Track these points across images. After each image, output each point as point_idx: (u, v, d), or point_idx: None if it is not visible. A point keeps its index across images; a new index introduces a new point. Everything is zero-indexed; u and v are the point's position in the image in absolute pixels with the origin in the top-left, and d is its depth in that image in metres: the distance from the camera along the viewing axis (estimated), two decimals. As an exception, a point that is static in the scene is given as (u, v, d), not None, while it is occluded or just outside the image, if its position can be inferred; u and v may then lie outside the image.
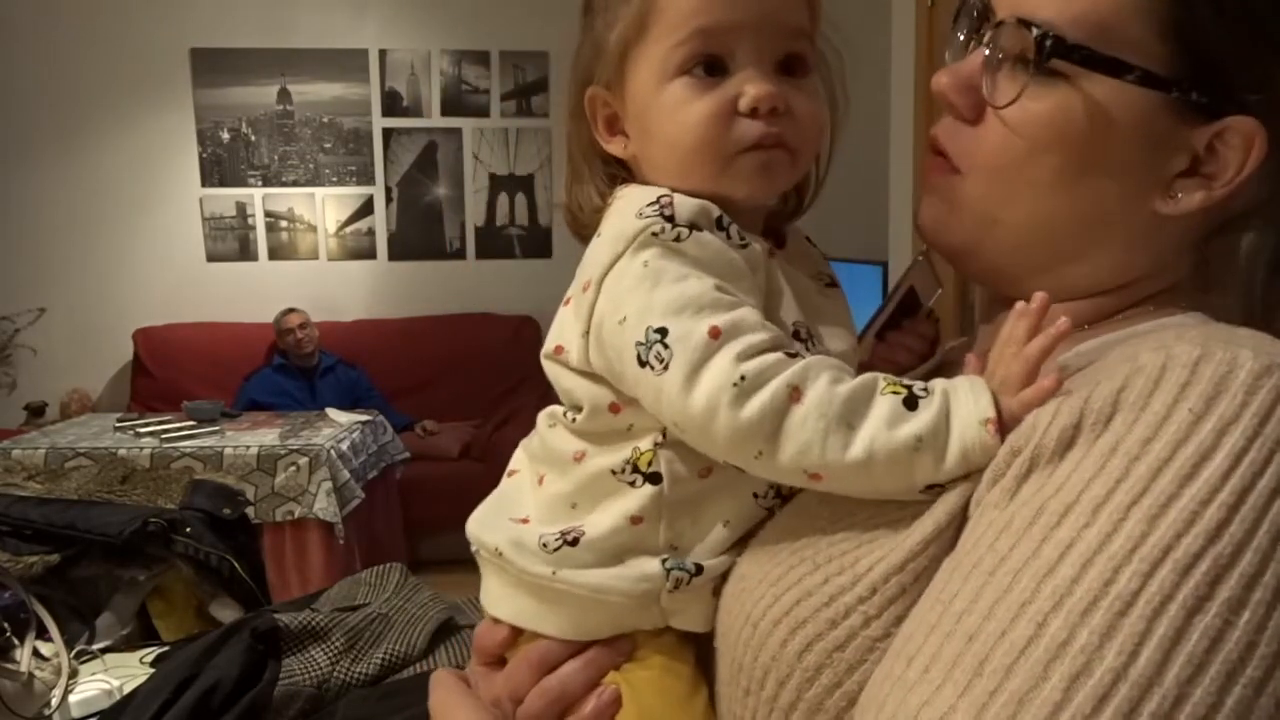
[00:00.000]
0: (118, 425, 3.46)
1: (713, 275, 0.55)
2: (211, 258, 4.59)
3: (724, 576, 0.58)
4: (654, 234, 0.55)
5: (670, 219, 0.55)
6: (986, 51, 0.55)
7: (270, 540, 3.04)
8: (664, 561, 0.57)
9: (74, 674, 1.28)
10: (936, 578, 0.46)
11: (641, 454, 0.58)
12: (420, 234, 4.69)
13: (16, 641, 1.21)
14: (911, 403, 0.50)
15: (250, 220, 4.60)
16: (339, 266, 4.67)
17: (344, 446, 3.28)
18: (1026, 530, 0.43)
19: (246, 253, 4.61)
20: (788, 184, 0.62)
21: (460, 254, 4.73)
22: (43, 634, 1.26)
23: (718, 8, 0.56)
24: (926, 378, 0.54)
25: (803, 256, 0.65)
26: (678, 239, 0.55)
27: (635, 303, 0.54)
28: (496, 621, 0.63)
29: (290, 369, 4.16)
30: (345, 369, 4.23)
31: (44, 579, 1.41)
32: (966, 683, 0.40)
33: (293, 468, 3.13)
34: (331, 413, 3.66)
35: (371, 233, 4.67)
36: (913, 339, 0.64)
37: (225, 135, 4.54)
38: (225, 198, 4.57)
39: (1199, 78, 0.50)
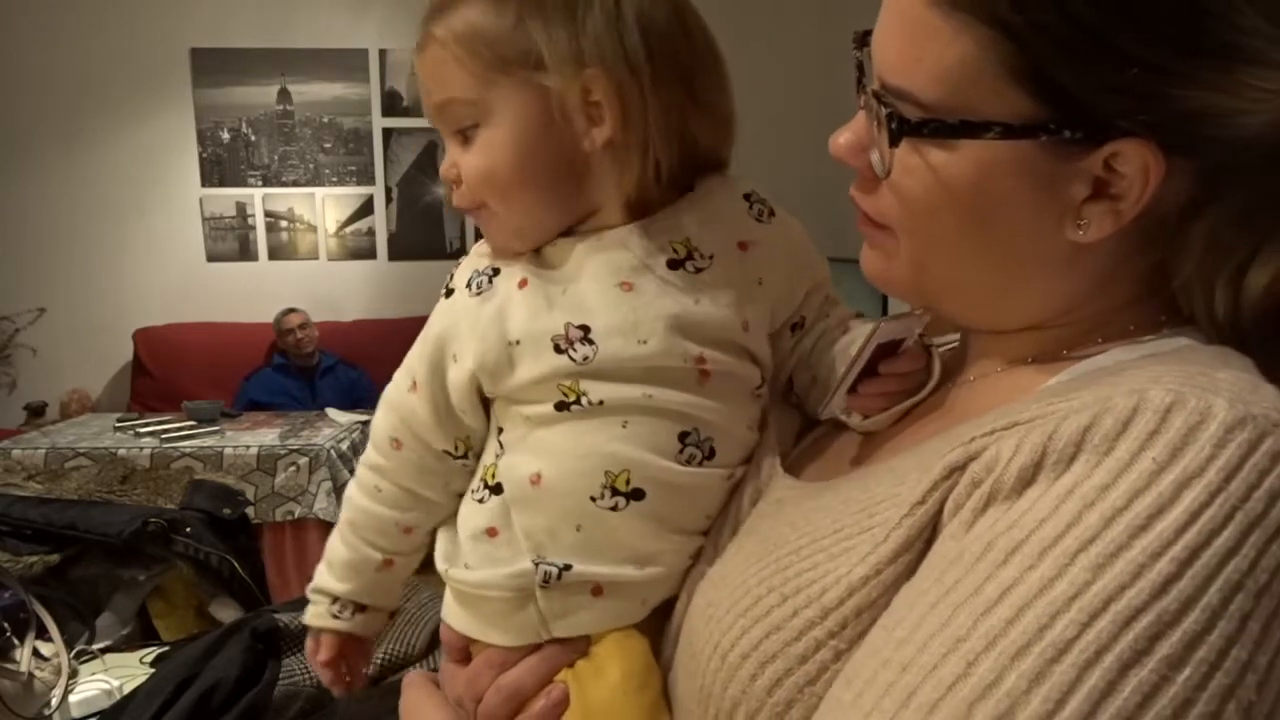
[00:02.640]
0: (118, 425, 3.46)
1: (434, 334, 0.67)
2: (211, 258, 4.59)
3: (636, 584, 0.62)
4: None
5: (450, 277, 0.69)
6: (866, 113, 0.53)
7: (270, 540, 3.04)
8: (534, 559, 0.62)
9: (74, 674, 1.28)
10: (893, 601, 0.46)
11: (487, 468, 0.66)
12: (420, 234, 4.69)
13: (16, 641, 1.21)
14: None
15: (250, 220, 4.60)
16: (339, 266, 4.67)
17: (344, 446, 3.28)
18: (973, 565, 0.42)
19: (246, 253, 4.61)
20: (506, 231, 0.66)
21: (460, 254, 4.68)
22: (43, 634, 1.26)
23: None
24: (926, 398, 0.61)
25: (652, 237, 0.64)
26: (440, 296, 0.69)
27: None
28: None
29: (290, 369, 4.15)
30: (345, 369, 4.23)
31: (44, 579, 1.41)
32: (892, 713, 0.40)
33: (293, 468, 3.12)
34: (331, 413, 3.66)
35: (371, 233, 4.67)
36: (890, 382, 0.62)
37: (225, 135, 4.54)
38: (225, 198, 4.57)
39: (1065, 116, 0.47)
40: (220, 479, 2.76)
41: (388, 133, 4.62)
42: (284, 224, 4.63)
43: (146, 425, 3.40)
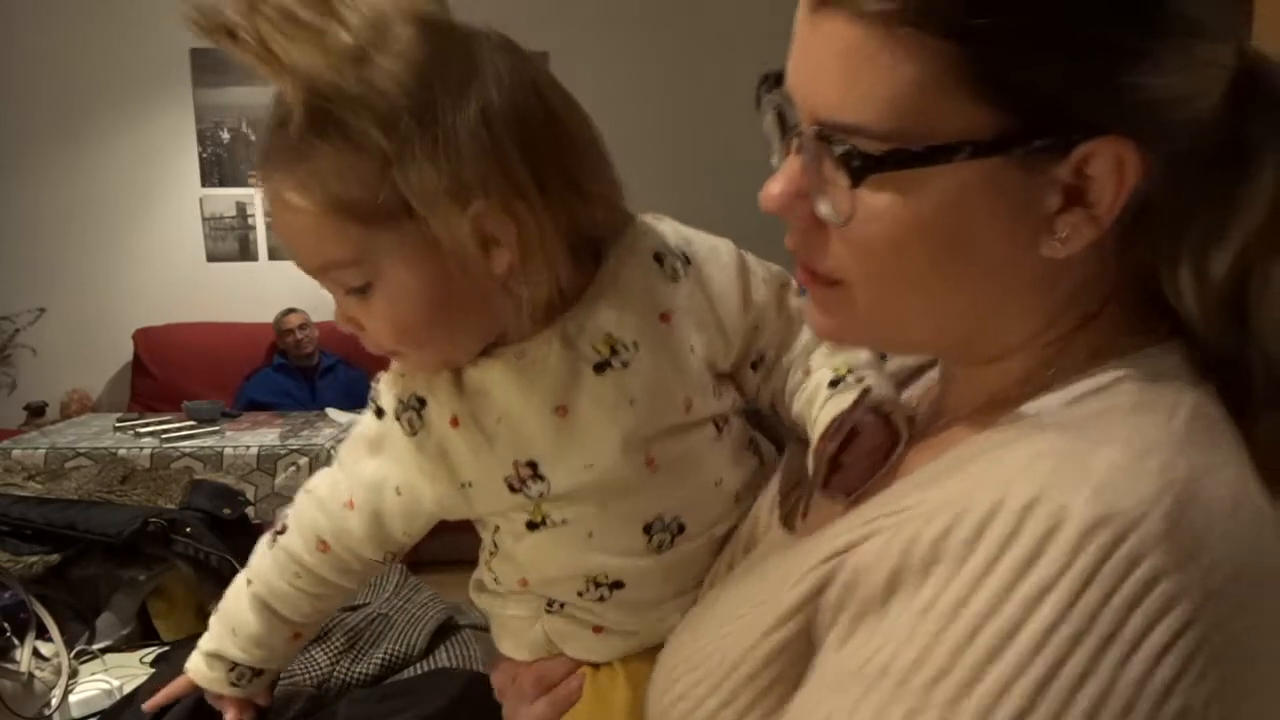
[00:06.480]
0: (118, 425, 3.46)
1: (374, 465, 0.69)
2: (211, 258, 4.59)
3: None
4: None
5: (375, 390, 0.69)
6: (801, 159, 0.49)
7: (270, 540, 3.05)
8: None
9: (74, 674, 1.28)
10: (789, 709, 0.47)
11: (487, 562, 0.72)
12: (420, 234, 4.69)
13: (16, 641, 1.21)
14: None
15: (250, 220, 4.60)
16: (339, 266, 4.67)
17: (344, 446, 3.28)
18: (837, 688, 0.43)
19: (246, 253, 4.61)
20: (427, 367, 0.64)
21: (460, 254, 4.73)
22: (43, 634, 1.26)
23: None
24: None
25: (572, 344, 0.62)
26: (370, 408, 0.70)
27: None
28: None
29: (290, 369, 4.15)
30: (346, 369, 4.23)
31: (44, 579, 1.40)
32: None
33: (293, 468, 3.13)
34: (332, 413, 3.66)
35: (371, 233, 4.67)
36: (855, 466, 0.59)
37: (225, 135, 4.54)
38: (225, 198, 4.57)
39: (1033, 123, 0.43)
40: (220, 479, 2.76)
41: (388, 133, 4.61)
42: (284, 224, 4.63)
43: (146, 425, 3.40)
